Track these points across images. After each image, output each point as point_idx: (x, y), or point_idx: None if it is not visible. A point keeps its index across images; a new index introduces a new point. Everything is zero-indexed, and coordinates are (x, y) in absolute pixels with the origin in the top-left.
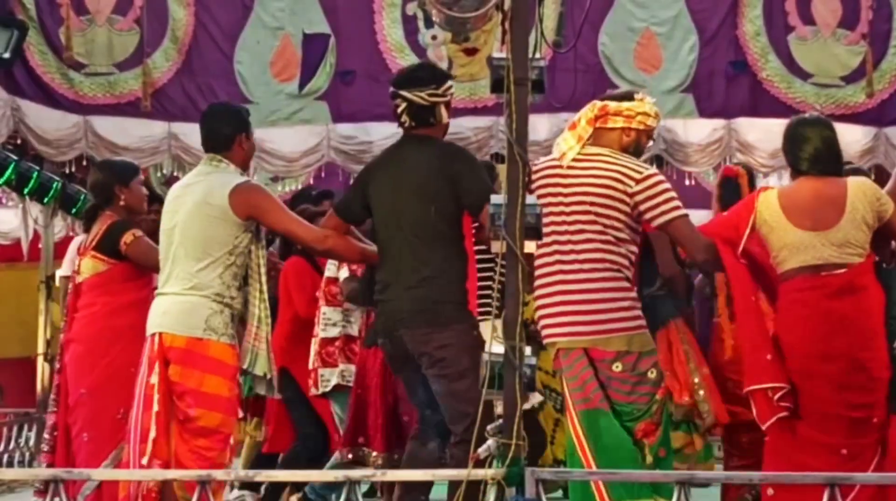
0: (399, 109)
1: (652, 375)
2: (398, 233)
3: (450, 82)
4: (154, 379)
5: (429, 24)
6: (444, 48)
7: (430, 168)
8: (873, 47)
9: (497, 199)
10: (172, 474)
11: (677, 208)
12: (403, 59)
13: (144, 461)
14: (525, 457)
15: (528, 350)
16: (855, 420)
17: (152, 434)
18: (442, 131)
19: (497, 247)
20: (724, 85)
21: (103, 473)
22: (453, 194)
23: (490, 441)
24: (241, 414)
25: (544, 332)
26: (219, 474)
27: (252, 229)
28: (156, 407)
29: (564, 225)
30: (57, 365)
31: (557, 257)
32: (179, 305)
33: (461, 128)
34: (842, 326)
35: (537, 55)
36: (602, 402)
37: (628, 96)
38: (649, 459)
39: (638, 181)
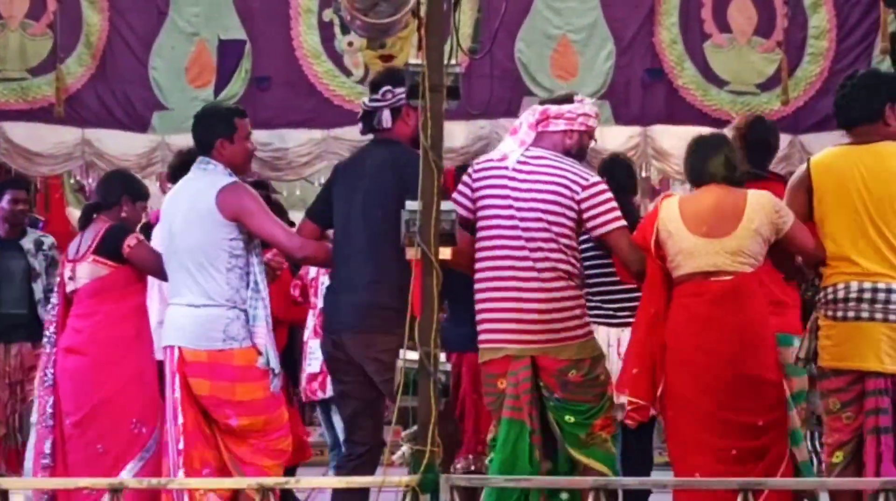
0: (358, 118)
1: (602, 377)
2: (346, 236)
3: (388, 87)
4: (178, 393)
5: (345, 30)
6: (361, 54)
7: (381, 170)
8: (788, 55)
9: (412, 205)
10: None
11: (618, 218)
12: (319, 65)
13: (181, 473)
14: (440, 463)
15: (442, 357)
16: (742, 424)
17: (180, 445)
18: (405, 136)
19: (411, 254)
20: (641, 92)
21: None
22: (400, 198)
23: (404, 448)
24: None
25: (489, 336)
26: (132, 482)
27: (246, 230)
28: (180, 420)
29: (517, 230)
30: (43, 376)
31: (511, 262)
32: (195, 318)
33: None
34: (725, 331)
35: (453, 62)
36: (526, 414)
37: (568, 99)
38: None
39: (584, 188)
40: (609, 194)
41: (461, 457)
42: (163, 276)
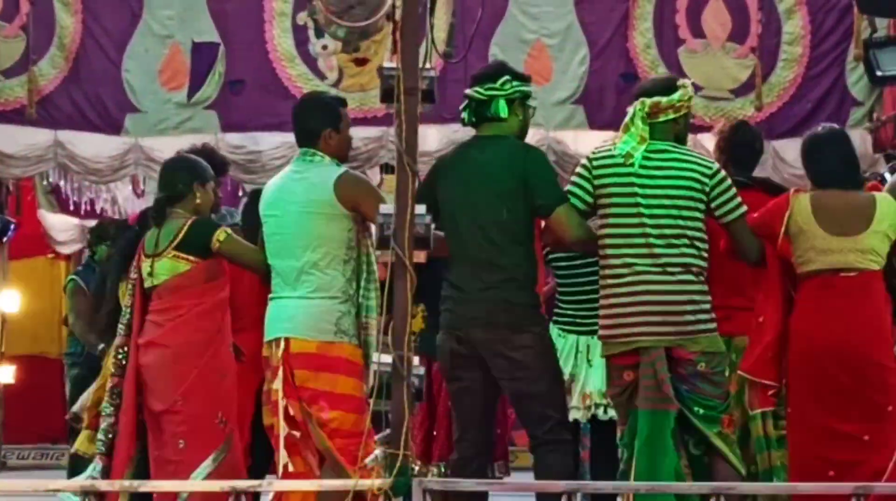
0: (461, 107)
1: (726, 372)
2: (471, 233)
3: (507, 76)
4: (277, 385)
5: (319, 33)
6: (335, 58)
7: (500, 166)
8: (762, 61)
9: (386, 208)
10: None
11: (741, 204)
12: (293, 68)
13: (291, 468)
14: (412, 467)
15: (415, 361)
16: (873, 404)
17: (289, 436)
18: (513, 129)
19: (386, 257)
20: (615, 97)
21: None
22: (524, 193)
23: (377, 451)
24: None
25: (618, 330)
26: (102, 484)
27: (359, 219)
28: (282, 413)
29: (646, 227)
30: (116, 368)
31: (638, 257)
32: (307, 309)
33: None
34: (854, 322)
35: (428, 65)
36: (673, 403)
37: (672, 86)
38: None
39: (711, 177)
40: (730, 181)
41: (435, 462)
42: (258, 269)
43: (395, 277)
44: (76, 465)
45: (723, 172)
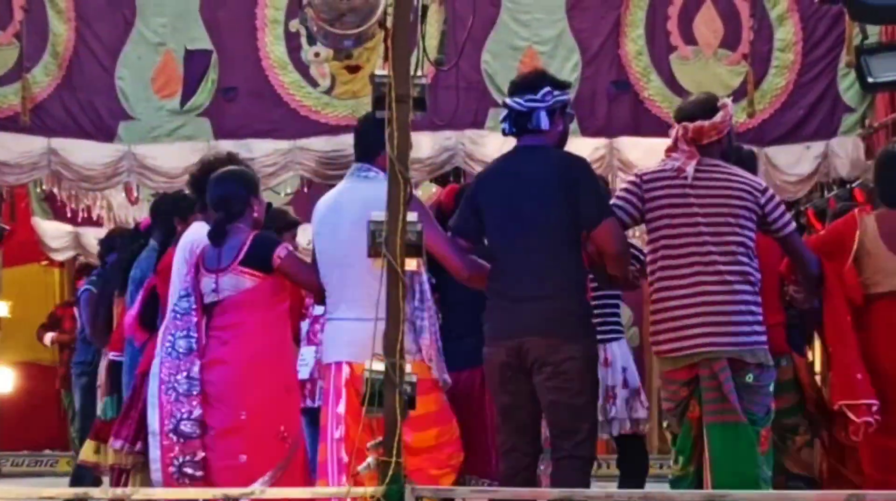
0: (501, 118)
1: (771, 387)
2: (521, 242)
3: (548, 88)
4: (341, 409)
5: (311, 40)
6: (327, 65)
7: (547, 175)
8: (754, 67)
9: (377, 216)
10: None
11: (792, 220)
12: (286, 75)
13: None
14: (405, 474)
15: (407, 368)
16: None
17: (343, 458)
18: (553, 140)
19: (378, 264)
20: (606, 104)
21: None
22: (573, 202)
23: (370, 459)
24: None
25: (677, 344)
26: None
27: None
28: (339, 433)
29: (704, 237)
30: (167, 384)
31: (697, 268)
32: (367, 331)
33: (344, 145)
34: None
35: (419, 73)
36: (742, 414)
37: (712, 108)
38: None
39: (762, 192)
40: (779, 198)
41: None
42: (314, 288)
43: (388, 284)
44: (80, 475)
45: (771, 191)
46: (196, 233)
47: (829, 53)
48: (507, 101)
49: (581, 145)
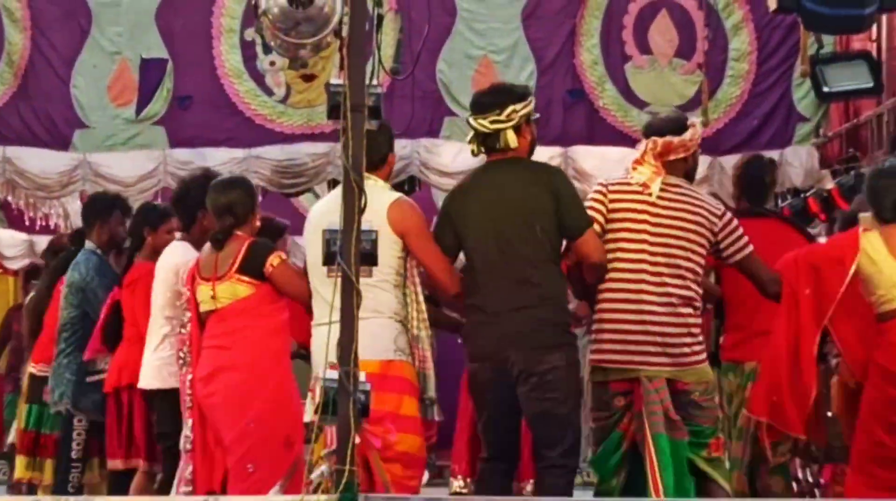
0: (468, 138)
1: (715, 400)
2: (501, 254)
3: (511, 107)
4: None
5: (267, 49)
6: (283, 74)
7: (527, 185)
8: (709, 77)
9: (332, 225)
10: None
11: (748, 243)
12: (241, 84)
13: None
14: (357, 482)
15: (361, 376)
16: None
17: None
18: (524, 151)
19: (332, 274)
20: (562, 113)
21: None
22: (553, 212)
23: (323, 467)
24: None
25: (618, 357)
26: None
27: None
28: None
29: (657, 257)
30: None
31: (647, 287)
32: (364, 329)
33: (298, 153)
34: None
35: (375, 82)
36: (683, 431)
37: (682, 125)
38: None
39: (719, 218)
40: (736, 222)
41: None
42: (303, 298)
43: (342, 293)
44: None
45: (729, 214)
46: (180, 256)
47: (784, 63)
48: (472, 122)
49: (536, 153)
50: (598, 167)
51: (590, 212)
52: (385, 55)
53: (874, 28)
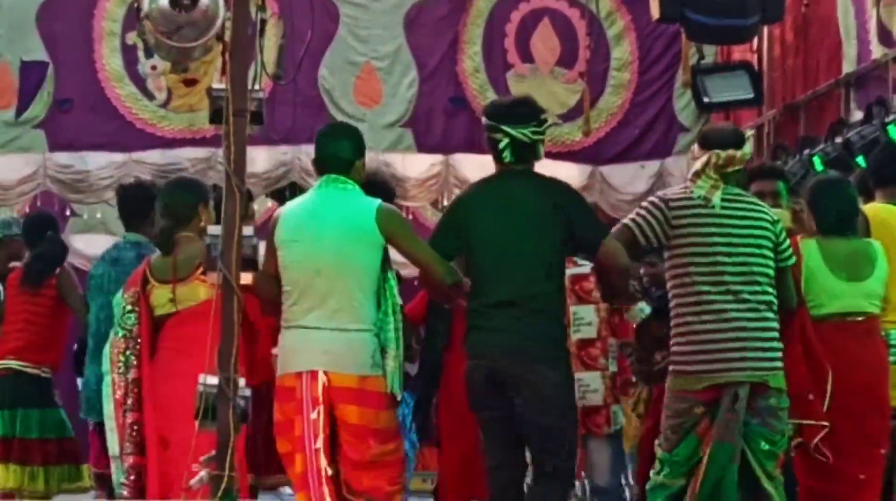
0: (501, 145)
1: (787, 412)
2: (505, 264)
3: (548, 121)
4: (315, 415)
5: (148, 53)
6: (164, 78)
7: (540, 200)
8: (591, 86)
9: (213, 230)
10: None
11: (793, 255)
12: (122, 88)
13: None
14: (237, 489)
15: (241, 381)
16: (874, 446)
17: (325, 472)
18: (535, 162)
19: (213, 279)
20: (443, 120)
21: None
22: (566, 226)
23: (203, 473)
24: None
25: (708, 366)
26: None
27: (386, 249)
28: (319, 444)
29: (734, 266)
30: (131, 402)
31: (727, 296)
32: (347, 343)
33: (179, 158)
34: (865, 365)
35: (257, 87)
36: (740, 438)
37: (741, 138)
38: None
39: (775, 224)
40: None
41: None
42: (270, 298)
43: (223, 298)
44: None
45: (781, 223)
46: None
47: (665, 73)
48: (512, 131)
49: (417, 161)
50: (479, 175)
51: (640, 221)
52: (267, 60)
53: (755, 39)
